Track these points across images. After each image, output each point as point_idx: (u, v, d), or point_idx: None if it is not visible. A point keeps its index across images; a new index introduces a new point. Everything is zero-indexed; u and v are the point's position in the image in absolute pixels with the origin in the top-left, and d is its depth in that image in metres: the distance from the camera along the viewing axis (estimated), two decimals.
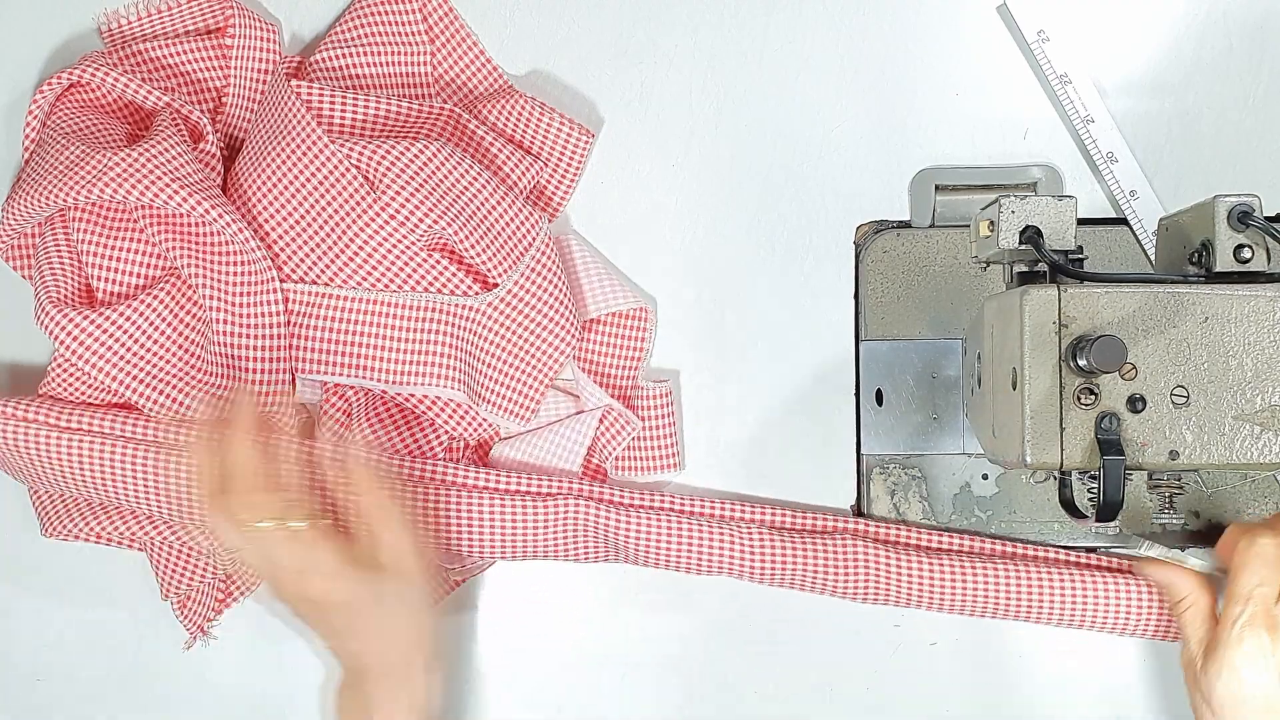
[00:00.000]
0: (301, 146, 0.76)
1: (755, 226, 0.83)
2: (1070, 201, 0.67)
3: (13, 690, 0.85)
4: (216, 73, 0.82)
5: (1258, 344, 0.65)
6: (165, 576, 0.81)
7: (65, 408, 0.77)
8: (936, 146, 0.82)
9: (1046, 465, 0.65)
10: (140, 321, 0.75)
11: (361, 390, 0.79)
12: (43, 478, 0.77)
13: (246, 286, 0.76)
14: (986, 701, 0.83)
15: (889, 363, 0.82)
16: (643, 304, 0.81)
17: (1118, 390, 0.64)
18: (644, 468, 0.82)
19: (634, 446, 0.81)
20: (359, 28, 0.81)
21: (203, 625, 0.83)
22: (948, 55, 0.82)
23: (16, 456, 0.76)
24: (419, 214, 0.76)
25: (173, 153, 0.75)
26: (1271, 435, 0.64)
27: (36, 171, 0.76)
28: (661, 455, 0.82)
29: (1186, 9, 0.82)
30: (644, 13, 0.83)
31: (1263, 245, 0.66)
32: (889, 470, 0.82)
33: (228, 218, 0.75)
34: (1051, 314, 0.64)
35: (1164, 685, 0.82)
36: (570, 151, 0.82)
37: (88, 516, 0.79)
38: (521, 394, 0.79)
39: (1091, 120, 0.80)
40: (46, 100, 0.79)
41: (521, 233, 0.78)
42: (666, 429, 0.82)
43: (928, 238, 0.82)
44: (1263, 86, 0.81)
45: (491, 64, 0.83)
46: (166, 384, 0.76)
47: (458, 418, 0.80)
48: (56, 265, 0.77)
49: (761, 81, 0.83)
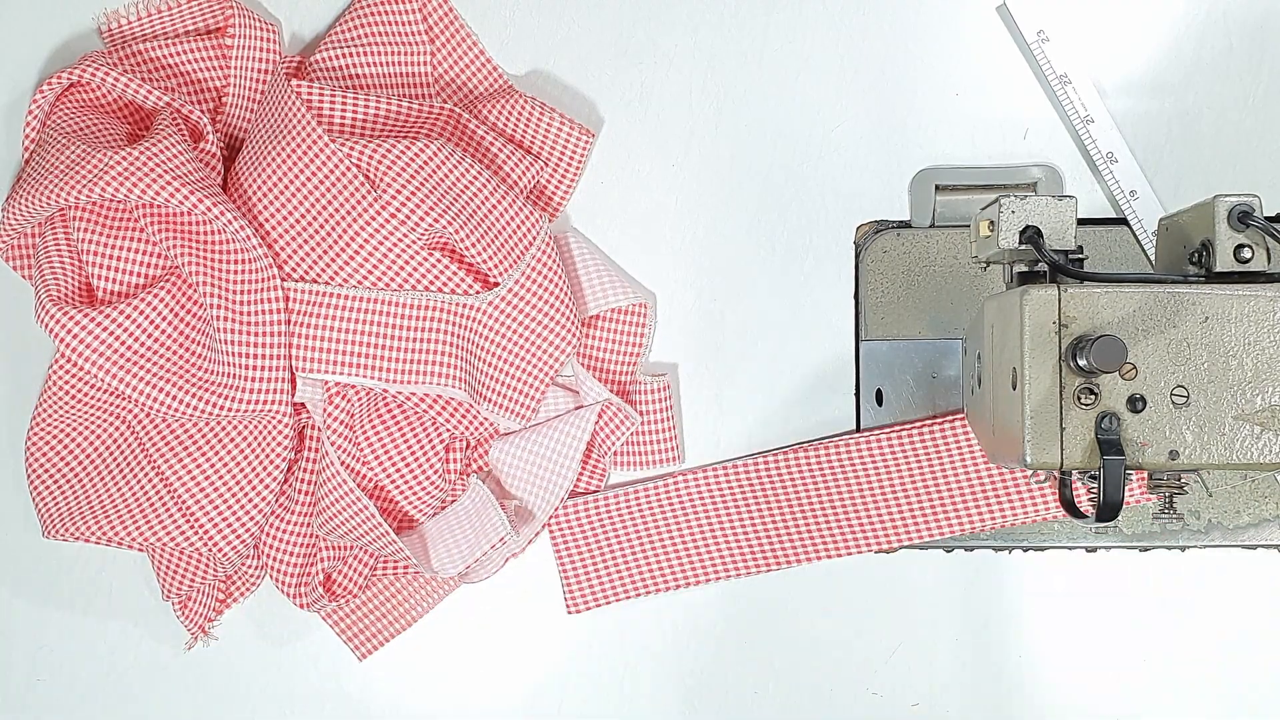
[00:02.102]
0: (302, 146, 0.76)
1: (755, 226, 0.83)
2: (1070, 201, 0.67)
3: (12, 690, 0.85)
4: (216, 73, 0.82)
5: (1258, 344, 0.65)
6: (166, 577, 0.81)
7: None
8: (936, 146, 0.82)
9: (1046, 465, 0.65)
10: (141, 320, 0.75)
11: (364, 391, 0.79)
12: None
13: (247, 285, 0.76)
14: (987, 702, 0.83)
15: (889, 363, 0.82)
16: (642, 299, 0.81)
17: (1118, 390, 0.64)
18: (644, 462, 0.82)
19: (633, 441, 0.82)
20: (359, 28, 0.81)
21: (203, 626, 0.83)
22: (948, 55, 0.82)
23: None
24: (419, 213, 0.76)
25: (173, 151, 0.75)
26: (1271, 435, 0.64)
27: (37, 171, 0.76)
28: (662, 449, 0.82)
29: (1186, 9, 0.82)
30: (644, 13, 0.83)
31: (1263, 245, 0.66)
32: None
33: (229, 215, 0.75)
34: (1051, 314, 0.64)
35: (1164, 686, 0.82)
36: (571, 151, 0.82)
37: (88, 517, 0.79)
38: (522, 393, 0.79)
39: (1091, 120, 0.80)
40: (47, 100, 0.79)
41: (522, 232, 0.78)
42: (666, 423, 0.82)
43: (928, 238, 0.82)
44: (1263, 86, 0.81)
45: (492, 64, 0.83)
46: (166, 382, 0.76)
47: (458, 418, 0.80)
48: (57, 264, 0.77)
49: (761, 81, 0.83)
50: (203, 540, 0.77)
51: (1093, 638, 0.82)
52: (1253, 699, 0.81)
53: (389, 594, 0.84)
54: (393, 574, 0.83)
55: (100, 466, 0.80)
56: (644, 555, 0.83)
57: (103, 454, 0.81)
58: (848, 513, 0.81)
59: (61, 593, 0.85)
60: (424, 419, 0.80)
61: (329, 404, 0.78)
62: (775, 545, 0.82)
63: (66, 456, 0.81)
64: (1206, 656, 0.81)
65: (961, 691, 0.83)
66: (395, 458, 0.80)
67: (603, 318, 0.82)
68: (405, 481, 0.80)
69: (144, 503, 0.78)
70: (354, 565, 0.82)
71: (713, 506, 0.82)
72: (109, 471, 0.80)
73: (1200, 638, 0.81)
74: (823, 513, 0.81)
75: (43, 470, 0.80)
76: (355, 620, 0.84)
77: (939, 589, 0.82)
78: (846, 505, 0.81)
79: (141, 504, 0.78)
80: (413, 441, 0.80)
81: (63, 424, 0.81)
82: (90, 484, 0.80)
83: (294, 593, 0.80)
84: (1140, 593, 0.82)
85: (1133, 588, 0.82)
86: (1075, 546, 0.81)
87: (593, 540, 0.82)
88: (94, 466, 0.80)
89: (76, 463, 0.81)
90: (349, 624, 0.84)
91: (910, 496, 0.81)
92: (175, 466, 0.78)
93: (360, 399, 0.79)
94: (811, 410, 0.83)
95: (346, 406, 0.79)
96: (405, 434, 0.80)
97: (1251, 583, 0.80)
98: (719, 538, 0.82)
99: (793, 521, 0.81)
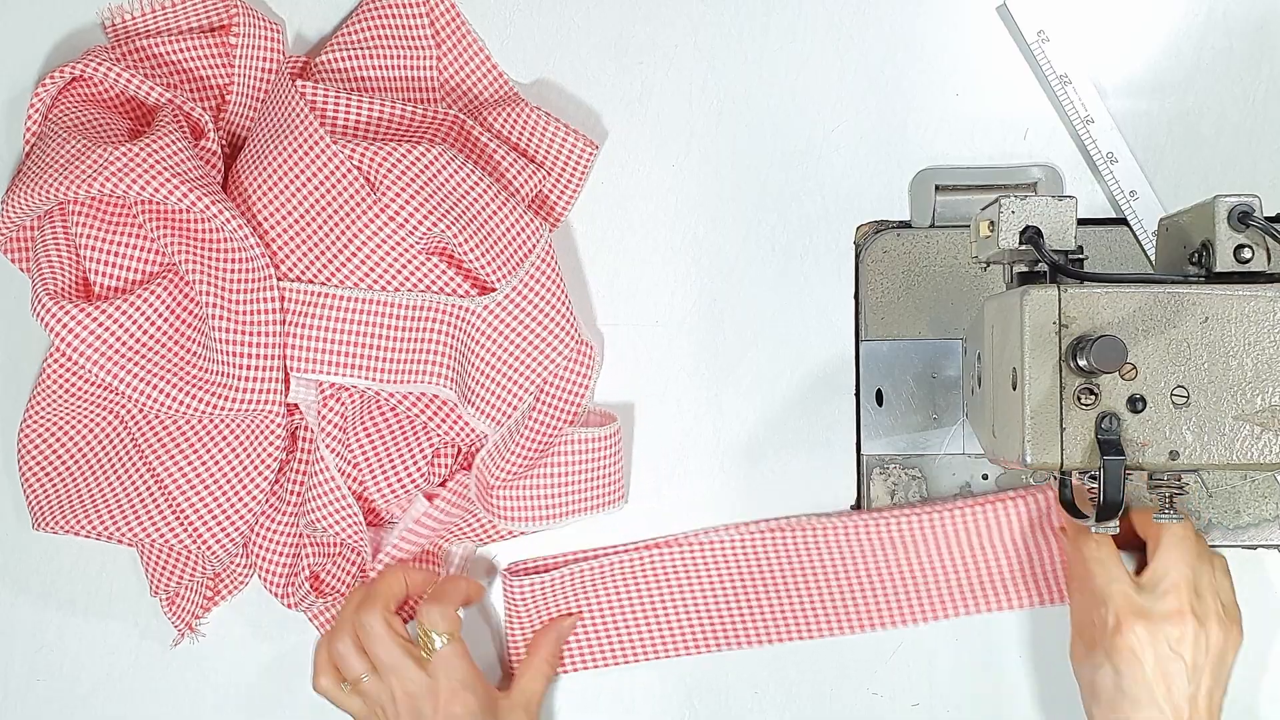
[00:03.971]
0: (304, 146, 0.76)
1: (755, 226, 0.83)
2: (1070, 201, 0.67)
3: (12, 690, 0.85)
4: (219, 70, 0.82)
5: (1258, 344, 0.65)
6: (154, 573, 0.81)
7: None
8: (936, 146, 0.82)
9: (1046, 465, 0.65)
10: (136, 316, 0.75)
11: (356, 394, 0.79)
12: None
13: (243, 283, 0.76)
14: (987, 702, 0.83)
15: (889, 363, 0.82)
16: (588, 340, 0.82)
17: (1118, 390, 0.64)
18: (588, 507, 0.81)
19: (578, 485, 0.81)
20: (366, 30, 0.81)
21: (190, 623, 0.83)
22: (948, 55, 0.82)
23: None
24: (418, 217, 0.76)
25: (173, 148, 0.75)
26: (1271, 435, 0.64)
27: (37, 165, 0.76)
28: (606, 492, 0.82)
29: (1186, 9, 0.82)
30: (644, 13, 0.83)
31: (1263, 245, 0.66)
32: (889, 470, 0.82)
33: (227, 214, 0.75)
34: (1051, 314, 0.64)
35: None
36: (574, 162, 0.82)
37: (79, 511, 0.79)
38: (506, 401, 0.79)
39: (1091, 120, 0.80)
40: (48, 94, 0.79)
41: (522, 239, 0.78)
42: (612, 468, 0.82)
43: (928, 238, 0.82)
44: (1263, 86, 0.81)
45: (497, 70, 0.83)
46: (161, 379, 0.76)
47: (449, 423, 0.80)
48: (54, 258, 0.77)
49: (761, 81, 0.83)
50: (192, 537, 0.77)
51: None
52: (1253, 699, 0.81)
53: None
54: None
55: (92, 461, 0.80)
56: (594, 628, 0.83)
57: (95, 448, 0.81)
58: (821, 598, 0.82)
59: (61, 593, 0.85)
60: (414, 424, 0.80)
61: (323, 406, 0.78)
62: (730, 624, 0.82)
63: (59, 450, 0.81)
64: None
65: (961, 691, 0.83)
66: (385, 462, 0.80)
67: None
68: (390, 486, 0.80)
69: (135, 498, 0.78)
70: (341, 564, 0.82)
71: (659, 584, 0.82)
72: (101, 466, 0.80)
73: None
74: (776, 595, 0.82)
75: (34, 463, 0.80)
76: None
77: None
78: (816, 588, 0.82)
79: (132, 499, 0.78)
80: (403, 446, 0.80)
81: (56, 418, 0.81)
82: (82, 478, 0.80)
83: (281, 592, 0.80)
84: None
85: None
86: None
87: (546, 615, 0.83)
88: (86, 460, 0.80)
89: (69, 456, 0.81)
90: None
91: (896, 583, 0.81)
92: (167, 463, 0.78)
93: (353, 401, 0.79)
94: (811, 410, 0.83)
95: (340, 409, 0.79)
96: (396, 439, 0.80)
97: (1251, 583, 0.80)
98: (679, 613, 0.83)
99: (754, 601, 0.82)
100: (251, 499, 0.78)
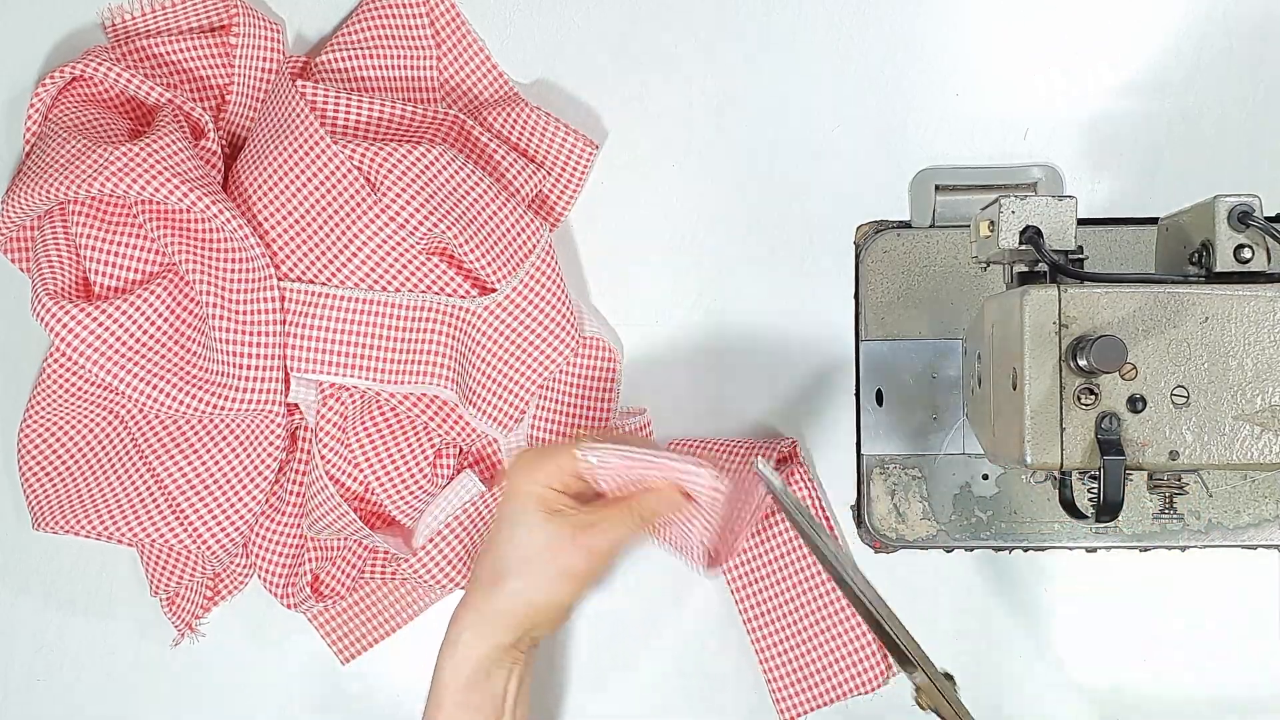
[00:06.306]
0: (304, 146, 0.76)
1: (755, 226, 0.83)
2: (1070, 201, 0.67)
3: (12, 690, 0.85)
4: (220, 70, 0.82)
5: (1258, 344, 0.65)
6: (154, 573, 0.81)
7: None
8: (936, 146, 0.82)
9: (1047, 465, 0.65)
10: (136, 316, 0.75)
11: (357, 394, 0.79)
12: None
13: (243, 284, 0.76)
14: (987, 702, 0.83)
15: (889, 363, 0.82)
16: (611, 342, 0.82)
17: (1118, 390, 0.64)
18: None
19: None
20: (366, 30, 0.81)
21: (190, 623, 0.83)
22: (948, 55, 0.82)
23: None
24: (418, 217, 0.76)
25: (173, 148, 0.75)
26: (1271, 435, 0.64)
27: (37, 165, 0.76)
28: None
29: (1186, 9, 0.82)
30: (644, 13, 0.83)
31: (1263, 245, 0.66)
32: (889, 470, 0.82)
33: (227, 214, 0.75)
34: (1051, 314, 0.64)
35: (1164, 685, 0.82)
36: (574, 162, 0.82)
37: (79, 511, 0.79)
38: (508, 401, 0.79)
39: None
40: (49, 94, 0.79)
41: (522, 239, 0.78)
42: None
43: (928, 238, 0.82)
44: (1263, 86, 0.81)
45: (497, 70, 0.83)
46: (161, 379, 0.76)
47: (450, 423, 0.80)
48: (54, 258, 0.77)
49: (761, 82, 0.83)
50: (192, 537, 0.77)
51: (1093, 638, 0.82)
52: (1252, 699, 0.81)
53: (374, 599, 0.84)
54: (380, 579, 0.83)
55: (92, 461, 0.80)
56: None
57: (95, 448, 0.81)
58: None
59: (61, 593, 0.85)
60: (415, 424, 0.80)
61: (323, 405, 0.78)
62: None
63: (59, 449, 0.81)
64: (1206, 656, 0.81)
65: (961, 691, 0.83)
66: (386, 461, 0.80)
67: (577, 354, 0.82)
68: (394, 484, 0.80)
69: (135, 498, 0.78)
70: (341, 566, 0.82)
71: None
72: (101, 466, 0.80)
73: (1200, 638, 0.81)
74: None
75: (34, 462, 0.80)
76: (340, 624, 0.84)
77: (939, 589, 0.82)
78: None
79: (132, 499, 0.78)
80: (404, 445, 0.80)
81: (56, 417, 0.81)
82: (82, 478, 0.80)
83: (281, 593, 0.80)
84: (1140, 593, 0.82)
85: (1133, 588, 0.82)
86: (1075, 546, 0.81)
87: None
88: (86, 460, 0.80)
89: (69, 456, 0.81)
90: (334, 627, 0.84)
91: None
92: (167, 463, 0.78)
93: (354, 401, 0.79)
94: (812, 410, 0.83)
95: (339, 409, 0.79)
96: (397, 438, 0.80)
97: (1251, 583, 0.80)
98: None
99: None
100: (251, 499, 0.78)
